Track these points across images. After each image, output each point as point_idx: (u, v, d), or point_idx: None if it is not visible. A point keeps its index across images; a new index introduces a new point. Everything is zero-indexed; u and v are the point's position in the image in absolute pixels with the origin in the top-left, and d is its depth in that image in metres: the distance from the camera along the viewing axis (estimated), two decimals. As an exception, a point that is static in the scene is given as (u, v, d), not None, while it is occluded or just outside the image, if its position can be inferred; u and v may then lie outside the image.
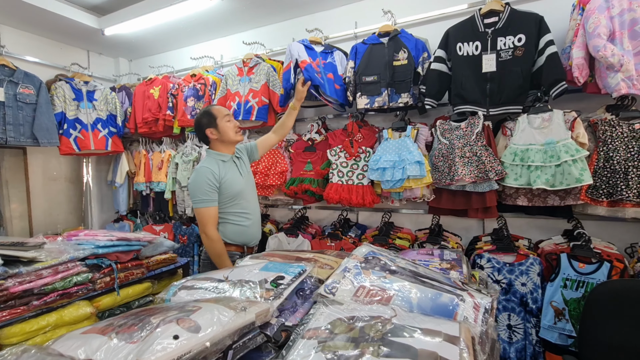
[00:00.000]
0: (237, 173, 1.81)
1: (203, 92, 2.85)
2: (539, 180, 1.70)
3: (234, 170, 1.80)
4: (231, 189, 1.74)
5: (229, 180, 1.74)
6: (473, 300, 0.87)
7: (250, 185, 1.90)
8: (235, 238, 1.80)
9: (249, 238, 1.85)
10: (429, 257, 1.28)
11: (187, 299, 0.91)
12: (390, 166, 2.01)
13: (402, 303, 0.85)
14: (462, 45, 1.93)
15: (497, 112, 1.89)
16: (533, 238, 2.04)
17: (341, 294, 0.90)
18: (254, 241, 1.89)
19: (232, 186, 1.75)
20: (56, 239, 1.70)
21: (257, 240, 1.93)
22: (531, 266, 1.79)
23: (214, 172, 1.70)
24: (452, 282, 0.96)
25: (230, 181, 1.75)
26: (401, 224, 2.45)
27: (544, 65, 1.71)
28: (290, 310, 0.88)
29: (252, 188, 1.92)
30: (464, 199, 1.96)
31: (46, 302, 1.40)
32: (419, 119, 2.34)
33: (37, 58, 3.10)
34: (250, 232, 1.84)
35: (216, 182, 1.70)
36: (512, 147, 1.83)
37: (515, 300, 1.81)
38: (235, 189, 1.76)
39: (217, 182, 1.70)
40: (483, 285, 1.18)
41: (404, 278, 0.95)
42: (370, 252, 1.10)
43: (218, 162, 1.76)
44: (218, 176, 1.71)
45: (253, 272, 1.01)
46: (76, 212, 3.66)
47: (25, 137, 2.68)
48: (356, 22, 2.54)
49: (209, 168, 1.70)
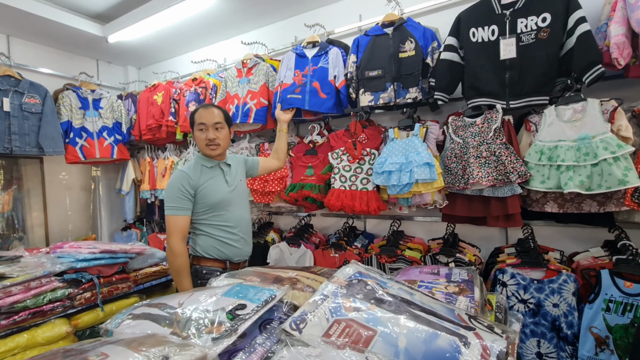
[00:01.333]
0: (221, 181, 1.64)
1: (204, 95, 2.76)
2: (571, 182, 1.44)
3: (218, 178, 1.64)
4: (209, 197, 1.58)
5: (207, 188, 1.58)
6: (481, 344, 0.66)
7: (239, 196, 1.71)
8: (213, 252, 1.61)
9: (231, 254, 1.65)
10: (433, 277, 1.06)
11: (128, 332, 0.76)
12: (396, 169, 1.80)
13: (385, 347, 0.65)
14: (476, 30, 1.70)
15: (519, 104, 1.64)
16: (566, 250, 1.75)
17: (310, 331, 0.71)
18: (239, 257, 1.69)
19: (211, 195, 1.58)
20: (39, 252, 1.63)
21: (245, 256, 1.73)
22: (564, 284, 1.52)
23: (189, 178, 1.55)
24: (456, 316, 0.75)
25: (210, 189, 1.58)
26: (412, 232, 2.22)
27: (574, 48, 1.46)
28: (246, 350, 0.71)
29: (242, 199, 1.74)
30: (481, 205, 1.72)
31: (16, 321, 1.31)
32: (430, 116, 2.12)
33: (48, 68, 3.14)
34: (232, 249, 1.64)
35: (190, 189, 1.54)
36: (538, 145, 1.57)
37: (546, 324, 1.54)
38: (215, 198, 1.59)
39: (192, 189, 1.55)
40: (501, 314, 0.95)
41: (392, 310, 0.75)
42: (357, 274, 0.91)
43: (201, 167, 1.62)
44: (194, 183, 1.55)
45: (212, 298, 0.84)
46: (89, 220, 3.68)
47: (31, 146, 2.68)
48: (360, 15, 2.36)
49: (185, 173, 1.56)
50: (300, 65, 2.19)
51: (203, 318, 0.75)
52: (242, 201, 1.73)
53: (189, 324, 0.74)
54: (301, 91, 2.10)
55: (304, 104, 2.08)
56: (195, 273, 1.59)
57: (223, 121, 1.62)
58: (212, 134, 1.58)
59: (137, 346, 0.58)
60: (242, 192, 1.75)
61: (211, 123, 1.58)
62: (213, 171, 1.64)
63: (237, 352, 0.70)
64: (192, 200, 1.56)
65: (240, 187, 1.74)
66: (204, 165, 1.62)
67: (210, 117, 1.58)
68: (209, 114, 1.59)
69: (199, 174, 1.59)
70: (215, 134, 1.59)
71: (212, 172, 1.63)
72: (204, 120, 1.57)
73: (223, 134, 1.62)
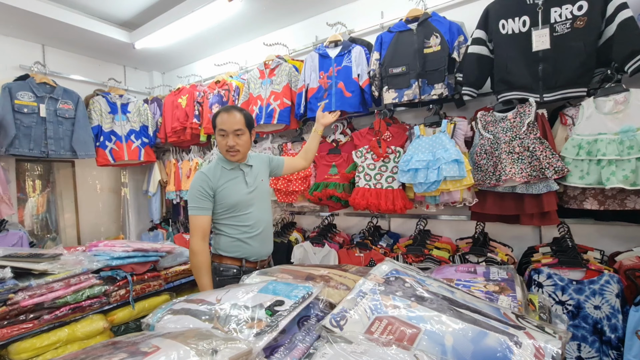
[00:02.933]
0: (241, 183, 1.63)
1: (227, 97, 2.81)
2: (613, 177, 1.36)
3: (238, 179, 1.63)
4: (228, 199, 1.58)
5: (226, 190, 1.58)
6: (533, 344, 0.63)
7: (259, 197, 1.69)
8: (230, 251, 1.62)
9: (248, 253, 1.63)
10: (470, 275, 1.03)
11: (170, 326, 0.77)
12: (423, 167, 1.76)
13: (432, 345, 0.63)
14: (506, 22, 1.64)
15: (553, 97, 1.57)
16: (607, 250, 1.66)
17: (351, 328, 0.70)
18: (256, 257, 1.67)
19: (230, 196, 1.58)
20: (77, 250, 1.69)
21: (263, 256, 1.71)
22: (607, 285, 1.44)
23: (208, 180, 1.55)
24: (502, 314, 0.72)
25: (228, 191, 1.58)
26: (439, 232, 2.17)
27: (615, 36, 1.39)
28: (287, 346, 0.71)
29: (262, 200, 1.71)
30: (514, 202, 1.66)
31: (57, 316, 1.37)
32: (456, 112, 2.07)
33: (79, 75, 3.28)
34: (249, 248, 1.63)
35: (209, 190, 1.55)
36: (576, 139, 1.50)
37: (587, 327, 1.47)
38: (233, 199, 1.58)
39: (211, 191, 1.55)
40: (545, 315, 0.91)
41: (435, 308, 0.73)
42: (393, 272, 0.89)
43: (221, 168, 1.62)
44: (213, 184, 1.56)
45: (249, 294, 0.85)
46: (117, 221, 3.82)
47: (65, 150, 2.81)
48: (382, 12, 2.34)
49: (205, 174, 1.57)
50: (325, 67, 2.19)
51: (242, 314, 0.76)
52: (262, 202, 1.71)
53: (229, 320, 0.74)
54: (328, 95, 2.11)
55: (330, 106, 2.11)
56: (214, 270, 1.61)
57: (244, 127, 1.59)
58: (232, 140, 1.56)
59: (185, 339, 0.59)
60: (263, 192, 1.73)
61: (231, 130, 1.56)
62: (233, 173, 1.63)
63: (278, 348, 0.70)
64: (211, 201, 1.57)
65: (262, 187, 1.72)
66: (224, 167, 1.62)
67: (230, 124, 1.56)
68: (230, 119, 1.57)
69: (218, 176, 1.59)
70: (235, 140, 1.57)
71: (232, 174, 1.63)
72: (225, 126, 1.56)
73: (243, 140, 1.60)
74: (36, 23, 2.63)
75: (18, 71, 2.80)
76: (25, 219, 3.03)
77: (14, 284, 1.26)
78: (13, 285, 1.26)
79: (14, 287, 1.26)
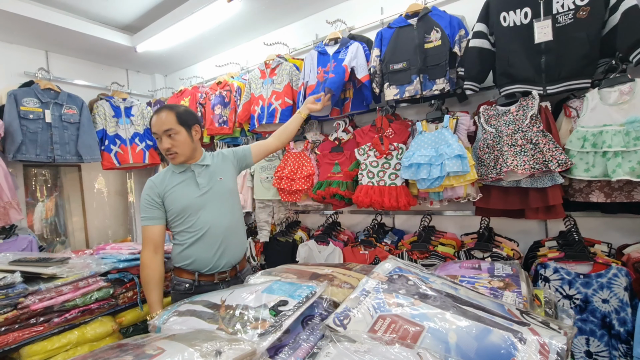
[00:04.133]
0: (191, 185, 1.48)
1: (229, 98, 2.82)
2: (620, 169, 1.34)
3: (188, 181, 1.49)
4: (176, 203, 1.45)
5: (174, 194, 1.45)
6: (538, 340, 0.63)
7: (215, 198, 1.50)
8: (181, 262, 1.48)
9: (200, 264, 1.45)
10: (474, 272, 1.03)
11: (176, 328, 0.78)
12: (426, 162, 1.75)
13: (435, 343, 0.63)
14: (507, 14, 1.62)
15: (557, 89, 1.55)
16: (614, 242, 1.64)
17: (354, 327, 0.70)
18: (211, 268, 1.46)
19: (178, 200, 1.45)
20: (84, 253, 1.72)
21: (221, 267, 1.49)
22: (615, 278, 1.42)
23: (155, 186, 1.46)
24: (507, 311, 0.72)
25: (176, 194, 1.46)
26: (444, 227, 2.16)
27: (618, 25, 1.36)
28: (292, 346, 0.71)
29: (219, 201, 1.52)
30: (518, 197, 1.64)
31: (67, 319, 1.39)
32: (459, 107, 2.05)
33: (83, 80, 3.31)
34: (200, 256, 1.45)
35: (156, 198, 1.44)
36: (580, 131, 1.48)
37: (595, 321, 1.45)
38: (181, 203, 1.45)
39: (159, 198, 1.45)
40: (551, 310, 0.90)
41: (438, 305, 0.73)
42: (397, 269, 0.89)
43: (171, 173, 1.51)
44: (159, 190, 1.45)
45: (253, 294, 0.85)
46: (125, 224, 3.86)
47: (71, 154, 2.84)
48: (382, 8, 2.32)
49: (152, 181, 1.48)
50: (322, 63, 2.18)
51: (247, 314, 0.77)
52: (218, 203, 1.51)
53: (234, 320, 0.75)
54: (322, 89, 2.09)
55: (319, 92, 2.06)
56: (172, 283, 1.52)
57: (176, 125, 1.43)
58: (165, 142, 1.42)
59: (189, 341, 0.60)
60: (220, 192, 1.54)
61: (161, 131, 1.42)
62: (183, 175, 1.50)
63: (282, 348, 0.70)
64: (161, 209, 1.46)
65: (219, 187, 1.53)
66: (174, 171, 1.50)
67: (159, 125, 1.42)
68: (158, 121, 1.43)
69: (166, 181, 1.48)
70: (169, 141, 1.42)
71: (182, 177, 1.49)
72: (155, 129, 1.44)
73: (179, 139, 1.43)
74: (39, 30, 2.66)
75: (23, 78, 2.84)
76: (34, 223, 3.08)
77: (23, 288, 1.28)
78: (23, 289, 1.28)
79: (24, 291, 1.28)
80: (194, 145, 1.51)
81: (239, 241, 1.59)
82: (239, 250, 1.58)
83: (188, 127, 1.48)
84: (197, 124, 1.54)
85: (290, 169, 2.35)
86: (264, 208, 2.64)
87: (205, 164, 1.54)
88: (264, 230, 2.64)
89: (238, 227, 1.60)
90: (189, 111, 1.54)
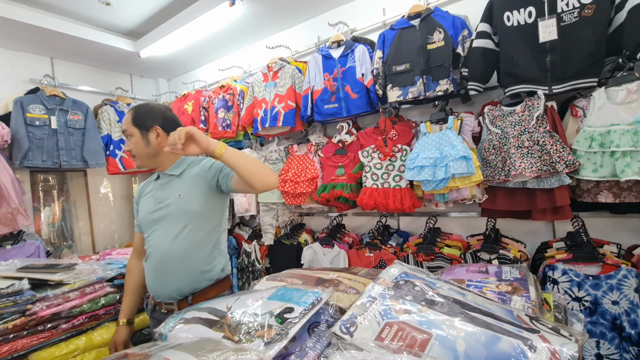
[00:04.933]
0: (152, 198, 1.32)
1: (232, 102, 2.83)
2: (628, 169, 1.32)
3: (152, 193, 1.34)
4: (139, 216, 1.37)
5: (141, 205, 1.37)
6: (548, 347, 0.62)
7: (168, 218, 1.26)
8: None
9: (149, 287, 1.31)
10: (482, 275, 1.01)
11: (182, 335, 0.78)
12: (430, 164, 1.74)
13: (443, 352, 0.63)
14: (511, 13, 1.61)
15: (563, 89, 1.53)
16: (623, 243, 1.62)
17: (361, 334, 0.70)
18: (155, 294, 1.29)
19: (140, 213, 1.36)
20: (90, 259, 1.73)
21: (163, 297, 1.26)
22: (624, 279, 1.40)
23: (137, 193, 1.42)
24: (516, 317, 0.71)
25: (141, 206, 1.37)
26: (449, 229, 2.15)
27: (625, 23, 1.34)
28: (298, 354, 0.71)
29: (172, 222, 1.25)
30: (525, 198, 1.63)
31: (74, 325, 1.40)
32: (462, 108, 2.04)
33: (87, 86, 3.34)
34: (148, 280, 1.30)
35: (136, 205, 1.41)
36: (587, 131, 1.46)
37: (605, 324, 1.43)
38: (139, 217, 1.36)
39: (137, 205, 1.41)
40: (560, 314, 0.89)
41: (446, 312, 0.72)
42: (403, 275, 0.88)
43: (151, 180, 1.40)
44: (137, 198, 1.41)
45: (259, 301, 0.85)
46: (131, 228, 3.88)
47: (77, 160, 2.87)
48: (384, 9, 2.32)
49: (139, 187, 1.44)
50: (329, 68, 2.18)
51: (252, 322, 0.76)
52: (169, 225, 1.25)
53: (240, 328, 0.75)
54: (336, 99, 2.12)
55: (341, 112, 2.12)
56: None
57: (130, 127, 1.27)
58: (126, 144, 1.31)
59: (195, 351, 0.60)
60: (174, 212, 1.26)
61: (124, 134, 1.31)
62: (154, 184, 1.36)
63: (288, 356, 0.70)
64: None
65: (175, 205, 1.26)
66: (152, 178, 1.39)
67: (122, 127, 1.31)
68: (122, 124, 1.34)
69: (143, 188, 1.41)
70: (128, 144, 1.30)
71: (152, 186, 1.36)
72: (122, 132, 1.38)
73: (133, 142, 1.27)
74: (45, 37, 2.69)
75: (28, 85, 2.87)
76: (42, 228, 3.11)
77: (31, 295, 1.29)
78: (31, 296, 1.29)
79: (31, 298, 1.29)
80: (151, 150, 1.27)
81: (188, 274, 1.25)
82: (187, 283, 1.24)
83: (144, 128, 1.26)
84: (161, 126, 1.27)
85: (294, 171, 2.35)
86: (268, 211, 2.65)
87: (174, 174, 1.31)
88: (269, 233, 2.64)
89: (187, 256, 1.24)
90: (154, 111, 1.30)
